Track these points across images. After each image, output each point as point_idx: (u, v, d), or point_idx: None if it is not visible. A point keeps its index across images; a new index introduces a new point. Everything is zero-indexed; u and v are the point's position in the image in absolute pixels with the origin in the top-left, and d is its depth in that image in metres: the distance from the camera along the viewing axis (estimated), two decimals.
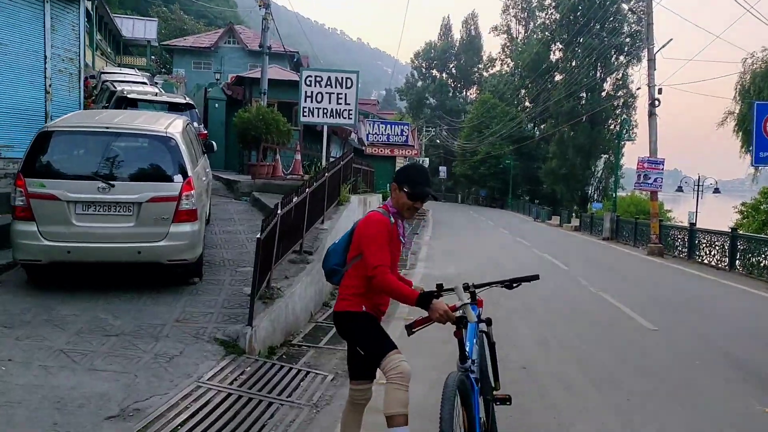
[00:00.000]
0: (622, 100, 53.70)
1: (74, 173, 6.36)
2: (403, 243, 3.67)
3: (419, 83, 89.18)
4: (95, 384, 4.68)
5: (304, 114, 11.03)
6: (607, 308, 10.29)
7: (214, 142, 9.30)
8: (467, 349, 3.57)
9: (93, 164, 6.49)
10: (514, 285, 3.98)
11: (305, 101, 10.77)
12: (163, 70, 45.61)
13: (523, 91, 69.17)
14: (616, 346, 7.70)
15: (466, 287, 3.90)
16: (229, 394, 4.91)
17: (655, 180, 21.24)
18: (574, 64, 56.84)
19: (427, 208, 45.41)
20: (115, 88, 13.19)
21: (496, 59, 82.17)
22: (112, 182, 6.28)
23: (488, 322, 4.14)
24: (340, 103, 10.85)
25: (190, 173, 6.60)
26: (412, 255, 17.29)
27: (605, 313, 9.89)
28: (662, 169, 21.22)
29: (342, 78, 10.76)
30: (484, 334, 4.11)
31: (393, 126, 28.06)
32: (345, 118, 10.83)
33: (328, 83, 10.84)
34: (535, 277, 3.96)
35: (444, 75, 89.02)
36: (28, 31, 10.83)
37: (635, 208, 35.91)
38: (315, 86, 10.72)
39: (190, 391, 4.78)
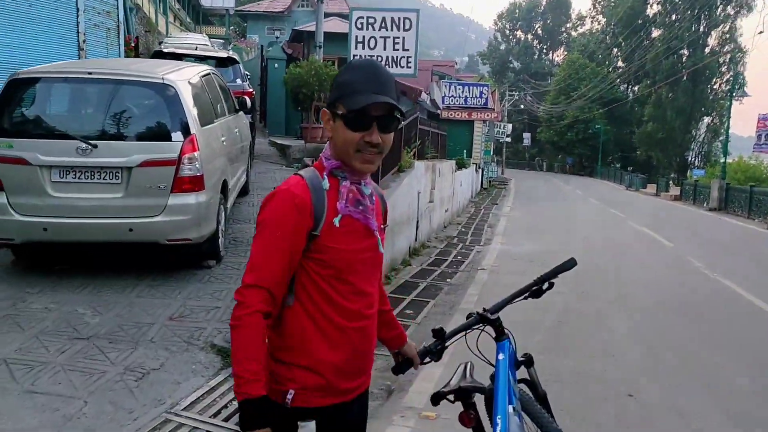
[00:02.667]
0: (729, 56, 48.61)
1: (48, 131, 5.11)
2: (375, 230, 1.86)
3: (502, 46, 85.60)
4: (22, 417, 3.41)
5: None
6: (734, 301, 8.21)
7: (248, 99, 7.90)
8: None
9: (72, 120, 5.22)
10: (545, 288, 2.43)
11: (356, 48, 9.12)
12: (242, 38, 45.18)
13: (615, 49, 64.49)
14: (757, 357, 5.78)
15: (480, 318, 2.39)
16: None
17: None
18: (673, 17, 52.09)
19: (508, 177, 43.12)
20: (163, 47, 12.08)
21: (585, 17, 78.22)
22: (93, 142, 4.97)
23: (528, 361, 2.52)
24: (397, 49, 9.13)
25: (193, 130, 5.20)
26: (489, 228, 15.51)
27: (732, 307, 7.85)
28: None
29: (399, 19, 9.02)
30: (526, 387, 2.54)
31: (471, 87, 25.89)
32: (403, 67, 9.13)
33: (383, 25, 9.13)
34: (570, 265, 2.46)
35: (529, 36, 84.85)
36: None
37: (743, 175, 32.16)
38: (367, 29, 9.05)
39: (150, 430, 3.40)
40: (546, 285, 2.46)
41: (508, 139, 52.02)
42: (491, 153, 36.81)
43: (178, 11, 36.93)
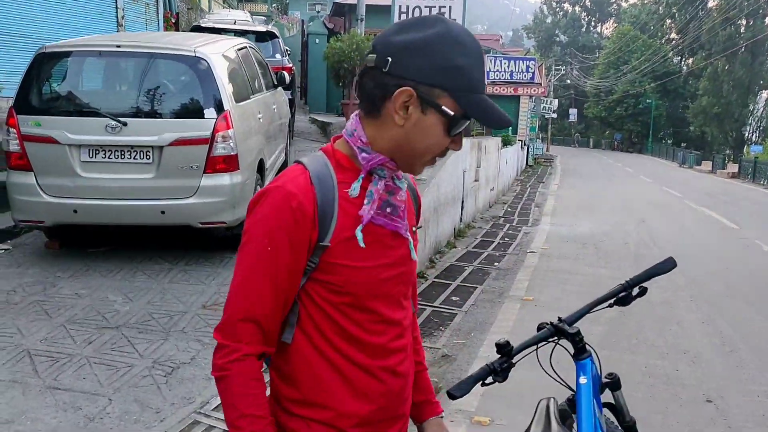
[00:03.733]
0: None
1: (77, 108, 4.85)
2: (406, 234, 1.36)
3: (549, 19, 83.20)
4: (41, 416, 3.16)
5: None
6: None
7: (286, 73, 7.53)
8: None
9: (101, 96, 4.95)
10: (635, 294, 1.98)
11: (398, 18, 8.49)
12: (284, 14, 44.94)
13: (668, 20, 61.86)
14: None
15: (555, 330, 1.92)
16: None
17: None
18: None
19: (554, 154, 41.96)
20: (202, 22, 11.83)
21: None
22: (123, 119, 4.68)
23: (614, 383, 2.05)
24: None
25: (227, 106, 4.86)
26: (536, 208, 14.92)
27: None
28: None
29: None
30: (611, 414, 2.11)
31: (517, 62, 24.98)
32: None
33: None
34: (668, 266, 2.03)
35: (576, 8, 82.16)
36: None
37: None
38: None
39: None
40: (636, 290, 2.02)
41: (554, 115, 50.50)
42: (536, 129, 35.78)
43: None
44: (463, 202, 10.45)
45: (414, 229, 1.45)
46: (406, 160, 1.30)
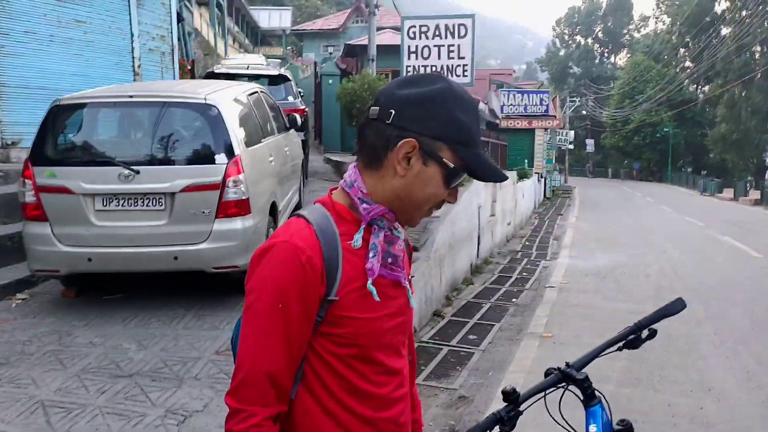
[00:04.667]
0: None
1: (90, 158, 4.93)
2: (405, 282, 1.38)
3: (561, 51, 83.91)
4: None
5: (408, 74, 8.95)
6: None
7: (297, 115, 7.65)
8: None
9: (113, 145, 5.04)
10: (645, 336, 1.88)
11: (409, 58, 8.69)
12: (299, 56, 45.94)
13: (682, 49, 61.99)
14: None
15: (562, 375, 1.81)
16: None
17: None
18: (744, 13, 49.57)
19: (572, 185, 41.73)
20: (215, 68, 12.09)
21: (649, 17, 76.00)
22: (136, 167, 4.75)
23: (626, 431, 1.96)
24: (452, 58, 8.64)
25: (237, 151, 4.92)
26: (555, 241, 14.78)
27: None
28: None
29: (454, 26, 8.51)
30: None
31: (531, 95, 25.11)
32: (459, 76, 8.61)
33: (437, 33, 8.65)
34: (677, 308, 1.87)
35: (589, 40, 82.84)
36: (111, 6, 9.87)
37: None
38: (420, 39, 8.62)
39: None
40: (646, 332, 1.96)
41: (571, 146, 50.51)
42: (553, 161, 35.74)
43: (237, 33, 37.86)
44: (479, 237, 10.39)
45: (411, 277, 1.47)
46: (404, 211, 1.31)
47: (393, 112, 1.25)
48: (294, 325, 1.23)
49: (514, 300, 8.23)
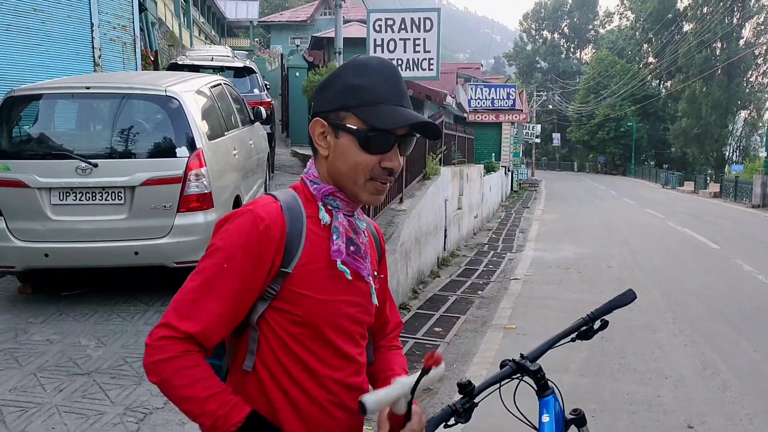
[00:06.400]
0: (765, 47, 47.05)
1: (46, 150, 4.81)
2: (368, 276, 1.42)
3: (529, 46, 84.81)
4: None
5: None
6: None
7: (263, 108, 7.56)
8: None
9: (71, 138, 4.92)
10: (597, 327, 1.97)
11: (374, 51, 8.67)
12: (266, 48, 45.40)
13: (645, 45, 63.20)
14: None
15: (517, 367, 1.87)
16: None
17: None
18: (705, 10, 50.71)
19: (539, 178, 42.24)
20: (179, 60, 11.87)
21: (613, 13, 77.00)
22: (94, 161, 4.65)
23: (580, 419, 1.99)
24: (418, 51, 8.65)
25: (199, 144, 4.85)
26: (521, 234, 14.95)
27: None
28: None
29: (419, 19, 8.51)
30: None
31: (498, 89, 25.29)
32: (425, 69, 8.63)
33: (402, 27, 8.64)
34: (628, 299, 2.00)
35: (556, 35, 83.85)
36: None
37: None
38: (386, 31, 8.60)
39: None
40: (598, 323, 2.00)
41: (538, 140, 51.10)
42: (520, 155, 36.10)
43: (202, 25, 37.23)
44: (446, 230, 10.45)
45: (375, 273, 1.49)
46: (345, 186, 1.37)
47: (312, 104, 1.39)
48: (234, 288, 1.27)
49: (479, 292, 8.30)
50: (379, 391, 1.34)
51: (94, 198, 4.72)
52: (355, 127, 1.30)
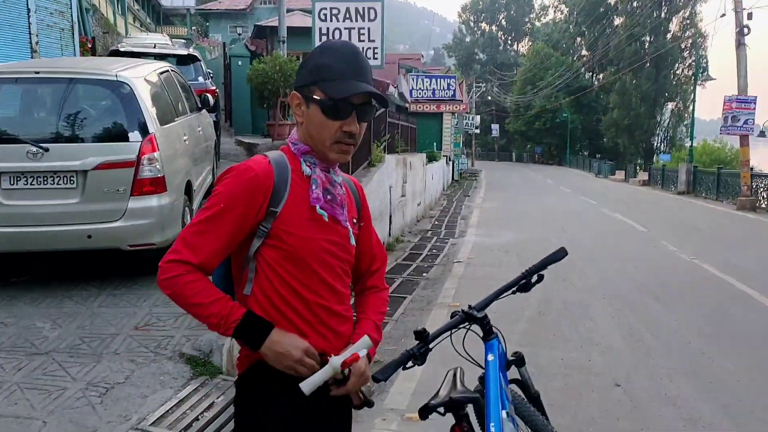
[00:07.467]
0: (690, 41, 49.39)
1: None
2: (344, 221, 1.71)
3: (467, 38, 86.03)
4: None
5: None
6: (711, 282, 8.22)
7: (209, 96, 7.62)
8: None
9: (20, 123, 4.91)
10: (534, 281, 2.26)
11: (320, 40, 8.82)
12: (204, 37, 44.45)
13: (579, 38, 65.20)
14: (742, 340, 5.72)
15: (466, 316, 2.20)
16: None
17: (745, 122, 18.44)
18: (635, 4, 52.79)
19: (479, 168, 43.20)
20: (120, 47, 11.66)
21: (548, 6, 79.20)
22: (45, 145, 4.67)
23: (519, 360, 2.34)
24: (363, 40, 8.88)
25: (151, 129, 4.92)
26: (462, 220, 15.42)
27: (710, 289, 7.83)
28: (754, 108, 18.35)
29: (363, 9, 8.74)
30: (518, 388, 2.36)
31: (438, 80, 25.78)
32: (369, 58, 8.76)
33: (347, 16, 8.85)
34: (560, 255, 2.30)
35: (493, 28, 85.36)
36: None
37: (708, 158, 32.81)
38: (331, 21, 8.78)
39: None
40: (535, 278, 2.29)
41: (477, 131, 52.12)
42: (461, 145, 36.83)
43: (137, 12, 36.16)
44: (390, 217, 10.73)
45: (354, 220, 1.80)
46: (316, 147, 1.68)
47: (297, 74, 1.74)
48: (229, 221, 1.59)
49: (424, 274, 8.62)
50: (315, 375, 1.60)
51: (45, 182, 4.74)
52: (319, 98, 1.62)
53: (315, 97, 1.63)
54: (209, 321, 1.57)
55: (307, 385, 1.57)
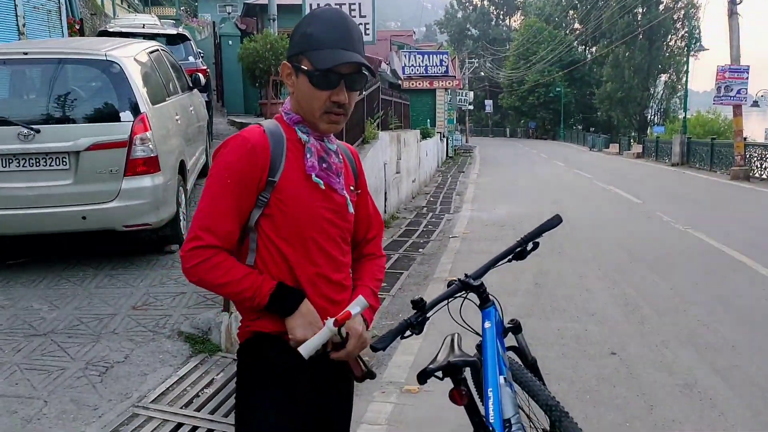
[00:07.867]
0: (683, 12, 49.04)
1: None
2: (341, 189, 1.70)
3: (459, 14, 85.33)
4: None
5: None
6: (706, 251, 8.28)
7: (201, 75, 7.54)
8: (491, 411, 1.83)
9: (11, 104, 4.87)
10: (530, 249, 2.25)
11: None
12: (193, 17, 43.90)
13: (571, 11, 64.67)
14: (736, 308, 5.78)
15: (462, 285, 2.18)
16: (180, 426, 3.30)
17: (738, 92, 18.39)
18: None
19: (473, 144, 43.11)
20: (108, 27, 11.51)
21: None
22: (36, 126, 4.63)
23: (516, 327, 2.36)
24: (354, 16, 8.72)
25: (143, 109, 4.89)
26: (458, 196, 15.43)
27: (704, 258, 7.89)
28: (747, 78, 18.31)
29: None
30: (515, 355, 2.37)
31: (431, 56, 25.56)
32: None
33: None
34: (555, 222, 2.27)
35: (485, 3, 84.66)
36: None
37: (702, 129, 32.75)
38: None
39: (117, 426, 3.19)
40: (530, 245, 2.30)
41: (471, 107, 51.99)
42: (455, 121, 36.71)
43: None
44: (386, 193, 10.72)
45: (352, 188, 1.79)
46: (306, 117, 1.67)
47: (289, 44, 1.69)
48: (235, 194, 1.59)
49: (420, 250, 8.65)
50: (313, 338, 1.60)
51: (37, 164, 4.71)
52: (306, 68, 1.60)
53: (303, 67, 1.60)
54: (243, 295, 1.58)
55: (305, 348, 1.58)
